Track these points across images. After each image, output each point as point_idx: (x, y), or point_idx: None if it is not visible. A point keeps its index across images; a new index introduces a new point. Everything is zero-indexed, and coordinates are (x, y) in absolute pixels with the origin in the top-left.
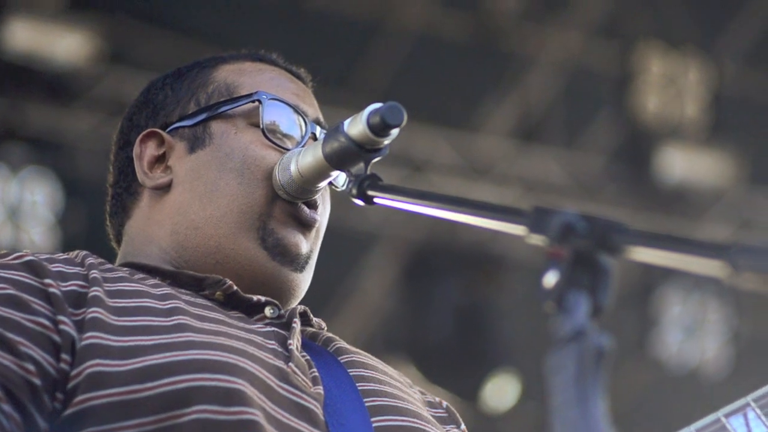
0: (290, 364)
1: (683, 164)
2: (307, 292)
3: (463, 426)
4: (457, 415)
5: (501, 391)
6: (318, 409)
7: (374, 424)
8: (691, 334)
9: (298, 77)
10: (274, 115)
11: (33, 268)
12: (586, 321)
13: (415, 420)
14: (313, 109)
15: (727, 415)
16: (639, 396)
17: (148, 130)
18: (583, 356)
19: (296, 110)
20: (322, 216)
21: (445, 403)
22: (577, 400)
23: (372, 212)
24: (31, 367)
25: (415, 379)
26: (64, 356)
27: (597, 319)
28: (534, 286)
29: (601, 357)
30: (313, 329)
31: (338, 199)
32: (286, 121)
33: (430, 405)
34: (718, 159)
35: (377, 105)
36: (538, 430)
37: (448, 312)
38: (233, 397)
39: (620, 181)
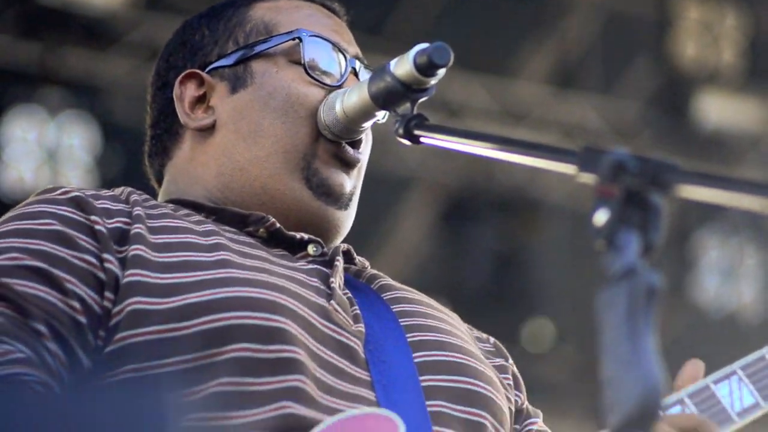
0: (332, 302)
1: (719, 110)
2: (346, 236)
3: (510, 360)
4: (504, 350)
5: (537, 335)
6: (359, 347)
7: (416, 360)
8: (728, 278)
9: (334, 12)
10: (314, 52)
11: (79, 203)
12: (637, 259)
13: (458, 354)
14: (352, 46)
15: (715, 382)
16: (677, 339)
17: (188, 71)
18: (634, 294)
19: (336, 46)
20: (365, 154)
21: (492, 339)
22: (627, 337)
23: (409, 156)
24: (77, 305)
25: None
26: (108, 294)
27: (648, 257)
28: (571, 231)
29: (652, 295)
30: (357, 267)
31: (376, 142)
32: (326, 57)
33: (478, 340)
34: (755, 105)
35: (424, 45)
36: (575, 374)
37: (485, 256)
38: (274, 336)
39: (656, 126)
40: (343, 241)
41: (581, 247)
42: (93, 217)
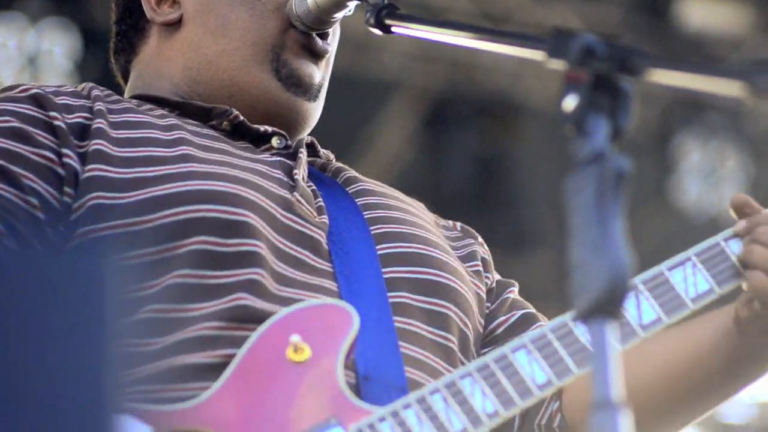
0: (295, 193)
1: (702, 13)
2: (325, 143)
3: (480, 239)
4: (473, 231)
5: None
6: (322, 239)
7: (379, 252)
8: (709, 181)
9: None
10: None
11: (38, 100)
12: (606, 144)
13: (421, 246)
14: None
15: (669, 268)
16: (659, 243)
17: None
18: (603, 178)
19: None
20: (333, 46)
21: (459, 225)
22: (596, 222)
23: (391, 62)
24: (35, 201)
25: None
26: (68, 189)
27: (617, 143)
28: (552, 135)
29: (621, 179)
30: (322, 161)
31: (358, 49)
32: None
33: (445, 228)
34: (737, 8)
35: None
36: (556, 276)
37: (467, 160)
38: (235, 229)
39: (639, 30)
40: (324, 147)
41: (563, 151)
42: (52, 113)
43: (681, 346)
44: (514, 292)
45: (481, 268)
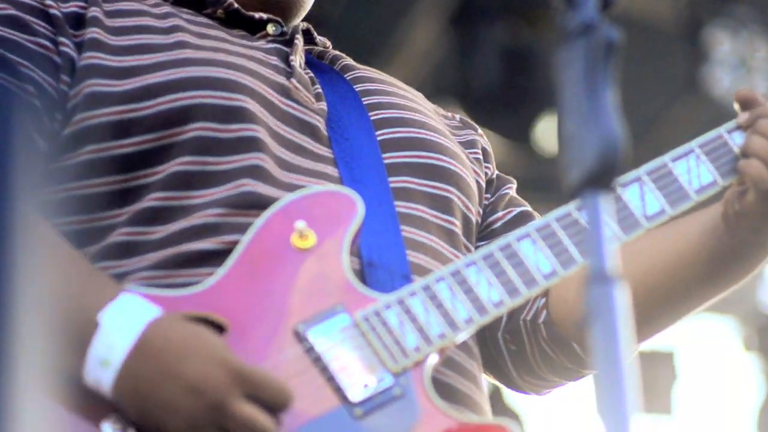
0: (292, 79)
1: None
2: (356, 45)
3: (480, 131)
4: (473, 123)
5: (551, 133)
6: (321, 125)
7: (379, 137)
8: (740, 72)
9: None
10: None
11: None
12: (596, 14)
13: (421, 130)
14: None
15: (672, 159)
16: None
17: None
18: (593, 49)
19: None
20: None
21: (458, 116)
22: (586, 94)
23: None
24: (32, 89)
25: None
26: (64, 77)
27: (608, 13)
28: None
29: (611, 50)
30: (319, 48)
31: None
32: None
33: (445, 117)
34: None
35: None
36: None
37: (496, 55)
38: (234, 114)
39: None
40: (355, 49)
41: None
42: (48, 2)
43: (666, 244)
44: (512, 189)
45: (481, 157)
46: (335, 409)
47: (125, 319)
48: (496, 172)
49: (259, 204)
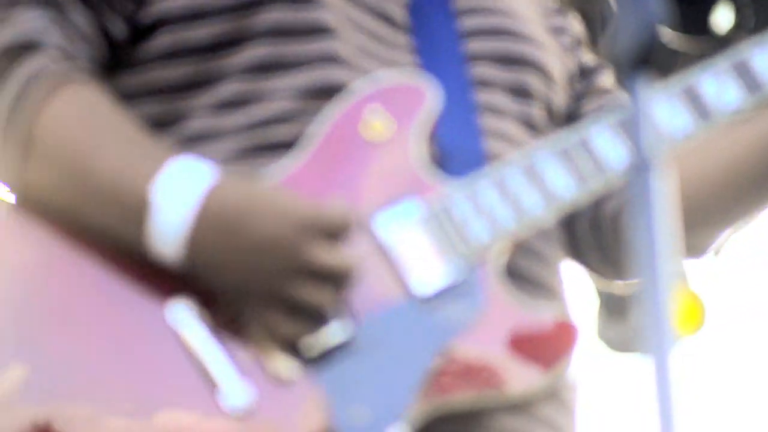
0: None
1: None
2: None
3: (574, 17)
4: (568, 9)
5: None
6: (398, 11)
7: (459, 25)
8: None
9: None
10: None
11: None
12: None
13: (505, 17)
14: None
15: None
16: None
17: None
18: None
19: None
20: None
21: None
22: None
23: None
24: None
25: None
26: None
27: None
28: None
29: None
30: None
31: None
32: None
33: (537, 2)
34: None
35: None
36: None
37: None
38: (309, 0)
39: None
40: None
41: None
42: None
43: (720, 148)
44: (604, 77)
45: (573, 45)
46: (404, 299)
47: (179, 187)
48: (589, 59)
49: (334, 91)
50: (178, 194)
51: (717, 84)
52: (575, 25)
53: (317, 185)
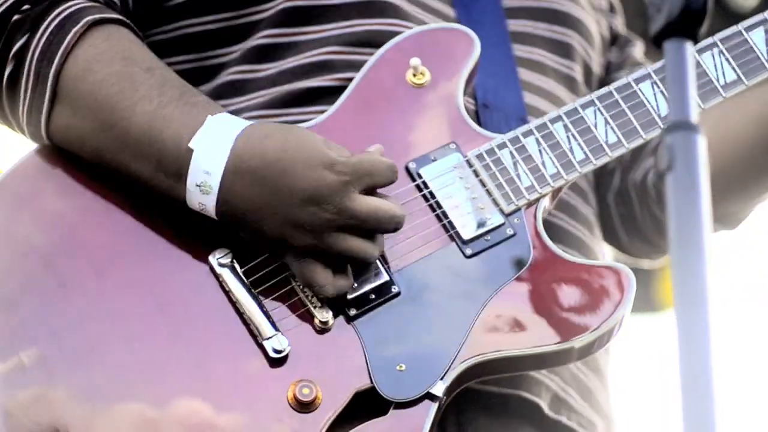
0: None
1: None
2: None
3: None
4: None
5: None
6: None
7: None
8: None
9: None
10: None
11: None
12: None
13: None
14: None
15: (746, 29)
16: None
17: None
18: None
19: None
20: None
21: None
22: None
23: None
24: None
25: None
26: None
27: None
28: None
29: None
30: None
31: None
32: None
33: None
34: None
35: None
36: None
37: None
38: None
39: None
40: None
41: None
42: None
43: (729, 119)
44: (637, 48)
45: (607, 8)
46: (447, 247)
47: (214, 141)
48: (623, 27)
49: (374, 41)
50: (216, 141)
51: (714, 62)
52: None
53: (357, 130)
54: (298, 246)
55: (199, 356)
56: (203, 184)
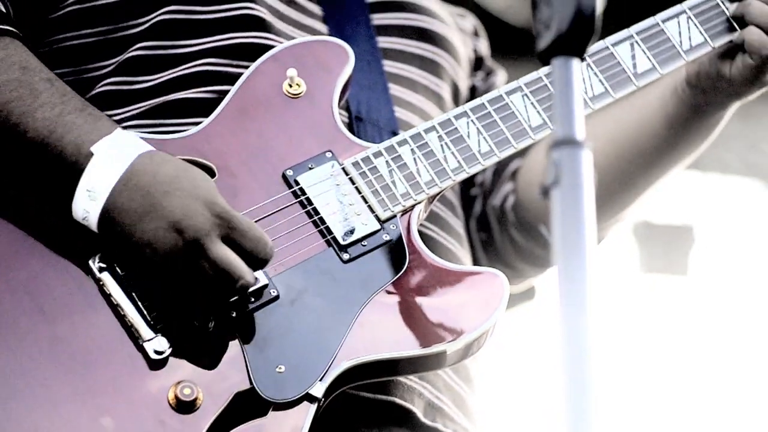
0: None
1: None
2: None
3: (474, 16)
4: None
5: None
6: None
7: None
8: None
9: None
10: None
11: None
12: None
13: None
14: None
15: (663, 20)
16: None
17: None
18: None
19: None
20: None
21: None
22: None
23: None
24: None
25: None
26: None
27: None
28: None
29: None
30: None
31: None
32: None
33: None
34: None
35: None
36: None
37: None
38: None
39: None
40: None
41: None
42: None
43: (626, 112)
44: (500, 78)
45: (473, 31)
46: (324, 252)
47: (118, 152)
48: (488, 54)
49: (248, 54)
50: (118, 153)
51: (631, 53)
52: (474, 19)
53: (234, 139)
54: (164, 268)
55: (81, 360)
56: (93, 190)
